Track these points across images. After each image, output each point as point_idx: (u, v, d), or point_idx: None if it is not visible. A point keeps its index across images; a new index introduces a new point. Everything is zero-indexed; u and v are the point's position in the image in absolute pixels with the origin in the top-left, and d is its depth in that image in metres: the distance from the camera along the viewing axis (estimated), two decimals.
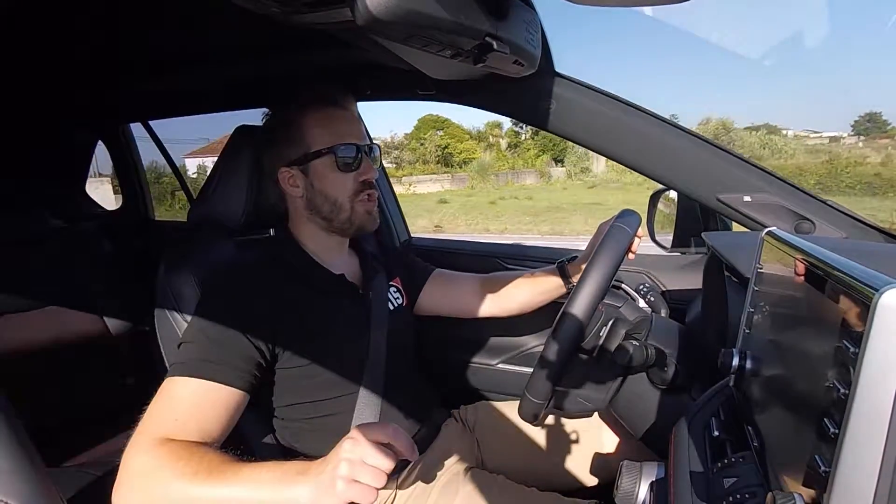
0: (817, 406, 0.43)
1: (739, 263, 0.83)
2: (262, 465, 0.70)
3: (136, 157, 2.33)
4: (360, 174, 1.02)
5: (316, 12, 0.71)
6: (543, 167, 28.03)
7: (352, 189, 1.02)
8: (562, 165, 28.80)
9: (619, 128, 1.09)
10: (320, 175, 1.01)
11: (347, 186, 1.01)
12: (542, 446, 1.16)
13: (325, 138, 1.00)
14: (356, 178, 1.02)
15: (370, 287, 1.10)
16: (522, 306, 1.22)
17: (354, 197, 1.02)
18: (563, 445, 1.15)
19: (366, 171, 1.02)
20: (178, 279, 1.02)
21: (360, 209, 1.03)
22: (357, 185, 1.02)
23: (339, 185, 1.01)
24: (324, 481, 0.65)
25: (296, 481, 0.67)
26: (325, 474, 0.65)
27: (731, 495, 0.55)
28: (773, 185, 1.05)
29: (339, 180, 1.01)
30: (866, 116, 33.43)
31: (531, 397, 0.84)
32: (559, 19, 7.93)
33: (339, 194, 1.01)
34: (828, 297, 0.45)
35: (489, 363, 1.48)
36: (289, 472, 0.69)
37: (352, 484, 0.64)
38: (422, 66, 1.00)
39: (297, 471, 0.69)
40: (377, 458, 0.65)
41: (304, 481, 0.67)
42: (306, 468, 0.68)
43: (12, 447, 0.56)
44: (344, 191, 1.01)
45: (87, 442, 1.64)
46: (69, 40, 1.21)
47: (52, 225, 1.80)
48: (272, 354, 0.92)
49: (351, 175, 1.01)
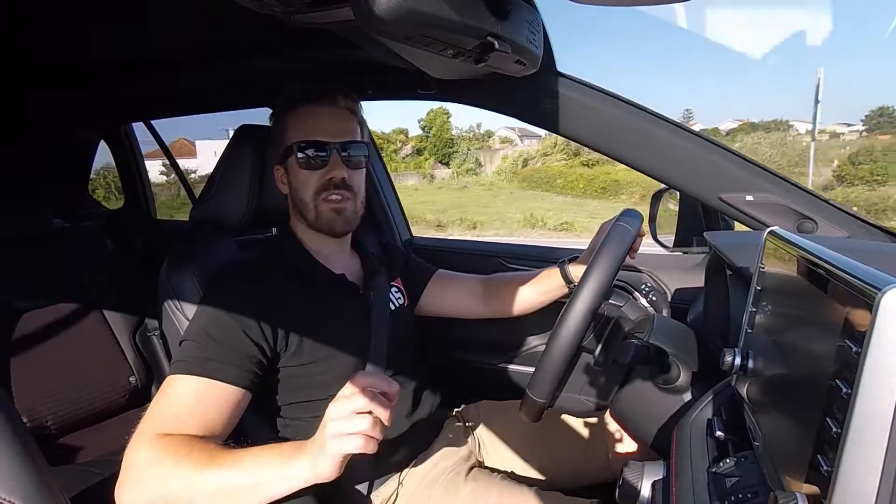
0: (819, 406, 0.43)
1: (741, 263, 0.82)
2: (260, 449, 0.73)
3: (139, 156, 2.33)
4: (325, 172, 1.00)
5: (317, 11, 0.71)
6: (428, 170, 28.79)
7: (315, 187, 1.00)
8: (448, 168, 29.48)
9: (620, 127, 1.09)
10: (291, 173, 1.02)
11: (311, 184, 1.00)
12: (544, 446, 1.16)
13: (293, 135, 1.00)
14: (322, 177, 1.00)
15: (371, 287, 1.10)
16: (524, 308, 1.22)
17: (317, 196, 1.00)
18: (564, 445, 1.15)
19: (332, 169, 1.00)
20: (181, 278, 1.02)
21: (323, 208, 1.01)
22: (322, 183, 1.00)
23: (304, 182, 1.00)
24: (315, 449, 0.68)
25: (293, 457, 0.70)
26: (316, 443, 0.69)
27: (733, 495, 0.55)
28: (776, 185, 1.05)
29: (304, 178, 1.00)
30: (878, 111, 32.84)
31: (533, 397, 0.84)
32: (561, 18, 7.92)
33: (304, 192, 1.01)
34: (830, 296, 0.45)
35: (491, 363, 1.48)
36: (286, 451, 0.72)
37: (340, 438, 0.66)
38: (423, 66, 1.00)
39: (295, 447, 0.72)
40: (357, 401, 0.67)
41: (299, 457, 0.70)
42: (302, 445, 0.71)
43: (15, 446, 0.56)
44: (307, 189, 1.00)
45: (90, 441, 1.64)
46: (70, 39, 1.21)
47: (54, 224, 1.80)
48: (273, 353, 0.92)
49: (316, 173, 1.00)
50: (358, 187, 1.04)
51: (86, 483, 1.33)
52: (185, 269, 1.03)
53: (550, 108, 1.12)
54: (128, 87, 1.63)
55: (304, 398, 0.98)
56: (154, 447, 0.73)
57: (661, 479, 0.75)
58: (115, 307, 1.82)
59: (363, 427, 0.66)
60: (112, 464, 1.52)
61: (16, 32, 1.11)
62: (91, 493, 1.27)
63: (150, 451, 0.73)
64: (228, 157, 1.12)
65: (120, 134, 2.24)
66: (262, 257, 1.03)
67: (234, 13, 0.71)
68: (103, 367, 1.76)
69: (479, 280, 1.27)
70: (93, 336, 1.76)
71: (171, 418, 0.78)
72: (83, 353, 1.72)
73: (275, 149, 1.05)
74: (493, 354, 1.48)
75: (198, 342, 0.86)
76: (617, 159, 1.13)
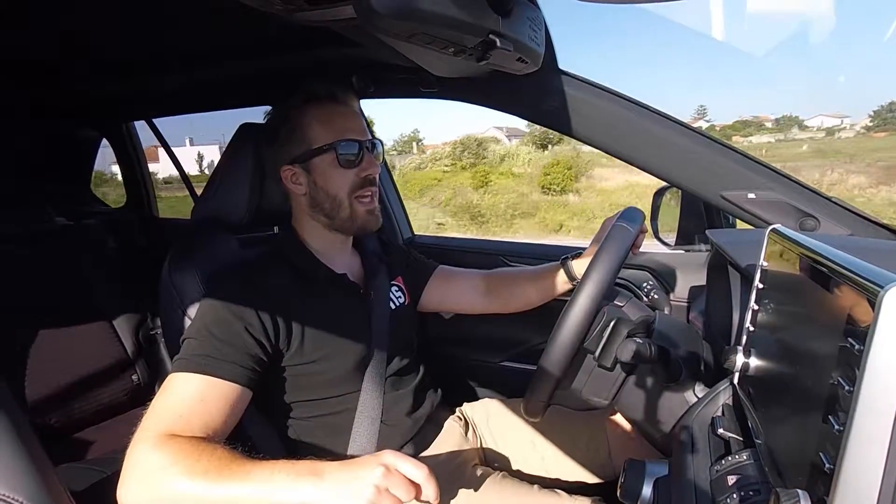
0: (822, 403, 0.43)
1: (743, 261, 0.82)
2: (273, 465, 0.70)
3: (141, 155, 2.34)
4: (361, 170, 1.01)
5: (319, 9, 0.71)
6: None
7: (352, 185, 1.01)
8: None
9: (622, 125, 1.09)
10: (321, 172, 1.01)
11: (348, 183, 1.00)
12: (546, 444, 1.16)
13: (327, 135, 0.99)
14: (357, 175, 1.01)
15: (371, 286, 1.10)
16: (526, 303, 1.22)
17: (353, 193, 1.01)
18: (566, 443, 1.15)
19: (367, 167, 1.01)
20: (183, 276, 1.02)
21: (360, 208, 1.02)
22: (358, 181, 1.01)
23: (340, 181, 1.00)
24: (344, 493, 0.66)
25: (308, 484, 0.67)
26: (346, 486, 0.66)
27: (735, 493, 0.55)
28: (778, 183, 1.05)
29: (340, 177, 1.00)
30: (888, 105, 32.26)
31: (534, 395, 0.84)
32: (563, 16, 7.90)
33: (339, 191, 1.01)
34: (832, 294, 0.45)
35: (492, 360, 1.48)
36: (301, 472, 0.69)
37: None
38: (425, 64, 1.00)
39: (309, 471, 0.69)
40: (402, 491, 0.65)
41: (317, 485, 0.67)
42: (318, 470, 0.69)
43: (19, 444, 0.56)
44: (344, 188, 1.01)
45: (93, 438, 1.64)
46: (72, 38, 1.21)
47: (56, 222, 1.80)
48: (275, 351, 0.92)
49: (352, 171, 1.00)
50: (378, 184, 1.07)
51: (89, 481, 1.33)
52: (187, 267, 1.03)
53: (552, 106, 1.12)
54: (129, 86, 1.63)
55: (305, 397, 0.98)
56: (159, 449, 0.72)
57: (663, 477, 0.75)
58: (117, 305, 1.83)
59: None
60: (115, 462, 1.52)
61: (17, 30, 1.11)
62: (94, 491, 1.28)
63: (154, 452, 0.72)
64: (230, 156, 1.12)
65: (122, 132, 2.24)
66: (264, 256, 1.03)
67: (236, 11, 0.71)
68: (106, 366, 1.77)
69: (481, 275, 1.27)
70: (95, 334, 1.76)
71: (172, 416, 0.78)
72: (86, 351, 1.72)
73: (284, 148, 1.02)
74: (494, 352, 1.48)
75: (199, 340, 0.86)
76: (619, 157, 1.13)
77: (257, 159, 1.11)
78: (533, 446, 1.16)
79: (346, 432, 0.99)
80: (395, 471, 0.67)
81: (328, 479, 0.67)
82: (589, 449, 1.14)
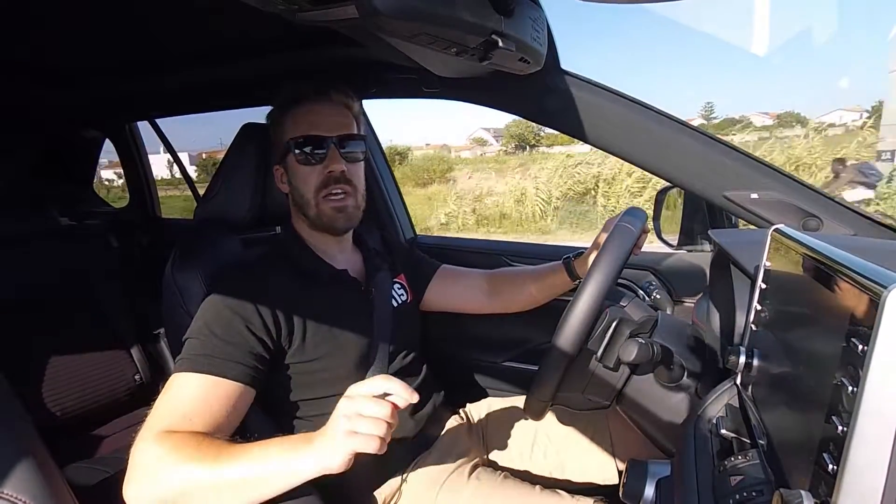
0: (825, 404, 0.42)
1: (746, 261, 0.82)
2: (267, 442, 0.73)
3: (143, 155, 2.34)
4: (324, 167, 0.99)
5: (322, 9, 0.71)
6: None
7: (316, 183, 1.00)
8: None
9: (625, 125, 1.09)
10: (292, 170, 1.02)
11: (311, 181, 1.00)
12: (548, 444, 1.16)
13: (289, 133, 1.00)
14: (321, 172, 1.00)
15: (373, 283, 1.10)
16: (529, 303, 1.22)
17: (318, 192, 1.00)
18: (568, 443, 1.15)
19: (330, 163, 0.99)
20: (185, 276, 1.02)
21: (325, 207, 1.01)
22: (322, 178, 1.00)
23: (304, 179, 1.00)
24: (325, 442, 0.68)
25: (302, 449, 0.70)
26: (326, 435, 0.68)
27: (737, 493, 0.55)
28: (780, 183, 1.04)
29: (304, 174, 1.00)
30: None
31: (536, 395, 0.84)
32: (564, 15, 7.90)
33: (305, 190, 1.01)
34: (835, 294, 0.45)
35: (494, 360, 1.48)
36: (295, 442, 0.72)
37: (352, 436, 0.66)
38: (427, 64, 1.00)
39: (303, 439, 0.72)
40: (373, 407, 0.67)
41: (308, 448, 0.70)
42: (308, 437, 0.71)
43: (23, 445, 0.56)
44: (308, 185, 1.00)
45: (96, 438, 1.65)
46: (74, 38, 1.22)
47: (59, 222, 1.81)
48: (277, 350, 0.92)
49: (315, 168, 1.00)
50: (358, 181, 1.04)
51: (92, 480, 1.34)
52: (190, 267, 1.03)
53: (554, 106, 1.12)
54: (132, 86, 1.63)
55: (308, 395, 0.98)
56: (161, 444, 0.73)
57: (666, 477, 0.75)
58: (120, 305, 1.83)
59: (379, 431, 0.66)
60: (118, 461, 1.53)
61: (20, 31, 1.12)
62: (98, 490, 1.28)
63: (156, 448, 0.73)
64: (233, 156, 1.12)
65: (124, 133, 2.25)
66: (266, 255, 1.04)
67: (238, 12, 0.71)
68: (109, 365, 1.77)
69: (484, 275, 1.27)
70: (98, 334, 1.77)
71: (176, 416, 0.78)
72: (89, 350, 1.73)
73: (273, 149, 1.06)
74: (496, 352, 1.48)
75: (202, 340, 0.86)
76: (621, 157, 1.13)
77: (260, 159, 1.11)
78: (535, 446, 1.16)
79: None
80: (356, 394, 0.69)
81: (316, 440, 0.70)
82: (591, 449, 1.14)
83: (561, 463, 1.15)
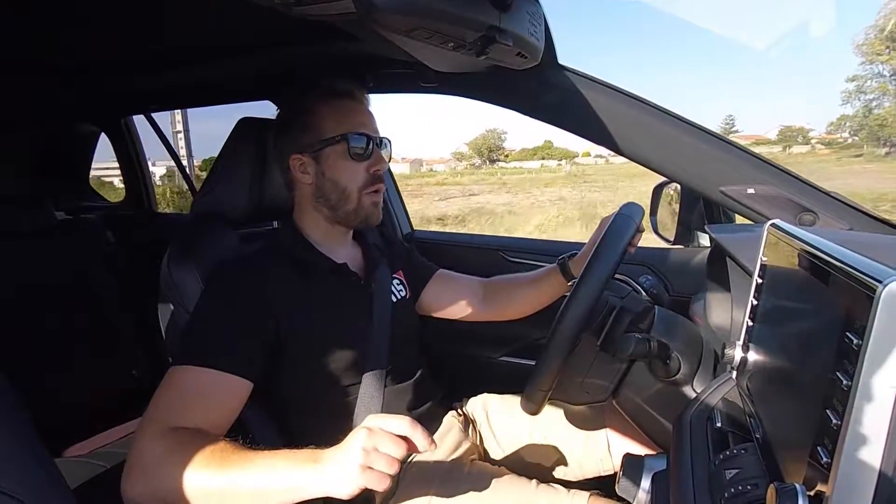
0: (820, 398, 0.43)
1: (743, 256, 0.82)
2: (273, 454, 0.71)
3: (139, 149, 2.33)
4: (370, 165, 1.03)
5: (318, 3, 0.70)
6: None
7: (362, 180, 1.02)
8: None
9: (621, 120, 1.09)
10: (331, 163, 1.01)
11: (358, 176, 1.02)
12: (545, 439, 1.16)
13: (339, 127, 1.01)
14: (367, 169, 1.02)
15: (373, 277, 1.10)
16: (525, 310, 1.23)
17: (363, 188, 1.03)
18: (565, 438, 1.16)
19: (376, 162, 1.03)
20: (182, 271, 1.02)
21: (366, 201, 1.04)
22: (367, 175, 1.03)
23: (350, 174, 1.02)
24: (338, 468, 0.66)
25: (307, 468, 0.68)
26: (340, 462, 0.67)
27: (733, 486, 0.55)
28: (776, 177, 1.05)
29: (350, 169, 1.02)
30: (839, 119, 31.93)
31: (534, 390, 0.84)
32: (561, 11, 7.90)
33: (348, 183, 1.02)
34: (831, 288, 0.45)
35: (492, 355, 1.49)
36: (301, 458, 0.70)
37: (366, 471, 0.65)
38: (424, 59, 1.00)
39: (309, 458, 0.70)
40: (391, 447, 0.66)
41: (316, 468, 0.68)
42: (317, 455, 0.70)
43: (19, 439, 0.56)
44: (354, 180, 1.02)
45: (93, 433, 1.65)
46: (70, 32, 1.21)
47: (56, 217, 1.80)
48: (275, 344, 0.92)
49: (362, 165, 1.02)
50: None
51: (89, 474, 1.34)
52: (187, 262, 1.03)
53: (551, 101, 1.12)
54: (128, 81, 1.63)
55: (306, 389, 0.98)
56: (162, 442, 0.73)
57: (662, 471, 0.76)
58: (116, 300, 1.83)
59: (392, 470, 0.66)
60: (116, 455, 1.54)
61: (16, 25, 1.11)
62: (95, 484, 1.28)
63: (157, 445, 0.73)
64: (229, 150, 1.11)
65: (120, 127, 2.24)
66: (263, 250, 1.04)
67: (234, 5, 0.71)
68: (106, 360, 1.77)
69: (480, 282, 1.28)
70: (95, 329, 1.77)
71: (173, 409, 0.78)
72: (85, 345, 1.73)
73: (295, 137, 1.03)
74: (494, 347, 1.48)
75: (199, 333, 0.86)
76: (618, 152, 1.13)
77: (257, 153, 1.11)
78: (532, 441, 1.17)
79: (346, 425, 0.99)
80: (378, 429, 0.67)
81: (325, 460, 0.68)
82: (588, 444, 1.14)
83: (557, 458, 1.15)
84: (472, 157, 30.64)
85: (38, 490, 0.54)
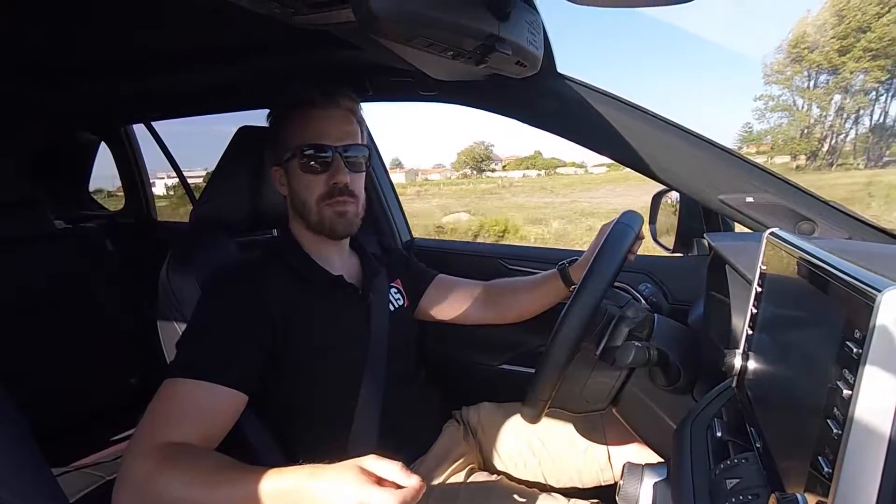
0: (820, 407, 0.43)
1: (742, 264, 0.82)
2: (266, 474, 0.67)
3: (139, 158, 2.34)
4: (329, 177, 0.99)
5: (318, 13, 0.71)
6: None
7: (320, 192, 0.99)
8: None
9: (621, 129, 1.09)
10: (292, 175, 1.02)
11: (315, 189, 0.99)
12: (544, 447, 1.16)
13: (296, 139, 0.99)
14: (327, 181, 0.99)
15: (370, 287, 1.10)
16: (525, 313, 1.23)
17: (322, 200, 1.00)
18: (564, 447, 1.15)
19: (335, 174, 0.99)
20: (181, 279, 1.02)
21: (326, 212, 1.00)
22: (327, 187, 0.99)
23: (307, 186, 1.00)
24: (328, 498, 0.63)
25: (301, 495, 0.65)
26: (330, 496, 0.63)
27: (733, 496, 0.55)
28: (775, 186, 1.05)
29: (307, 181, 1.00)
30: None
31: (533, 399, 0.84)
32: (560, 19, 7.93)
33: (306, 196, 1.00)
34: (830, 298, 0.45)
35: (491, 364, 1.48)
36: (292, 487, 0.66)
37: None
38: (424, 67, 1.01)
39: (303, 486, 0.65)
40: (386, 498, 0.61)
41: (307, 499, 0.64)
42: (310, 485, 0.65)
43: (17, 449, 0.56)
44: (311, 193, 1.00)
45: (91, 443, 1.64)
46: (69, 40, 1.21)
47: (55, 225, 1.80)
48: (272, 355, 0.92)
49: (320, 177, 0.99)
50: (359, 191, 1.04)
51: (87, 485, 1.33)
52: (185, 270, 1.03)
53: (550, 110, 1.12)
54: (128, 89, 1.63)
55: (303, 400, 0.98)
56: (153, 457, 0.72)
57: (662, 480, 0.75)
58: (115, 308, 1.83)
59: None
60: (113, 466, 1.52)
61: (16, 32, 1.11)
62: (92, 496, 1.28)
63: (148, 460, 0.72)
64: (229, 159, 1.12)
65: (120, 135, 2.24)
66: (261, 259, 1.03)
67: (234, 14, 0.71)
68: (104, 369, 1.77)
69: (480, 286, 1.27)
70: (93, 337, 1.76)
71: (167, 422, 0.77)
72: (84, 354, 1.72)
73: (273, 150, 1.05)
74: (493, 355, 1.48)
75: (195, 344, 0.86)
76: (617, 160, 1.13)
77: (257, 162, 1.11)
78: (531, 450, 1.16)
79: (344, 435, 0.98)
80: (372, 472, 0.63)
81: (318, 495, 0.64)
82: (587, 453, 1.14)
83: (557, 466, 1.14)
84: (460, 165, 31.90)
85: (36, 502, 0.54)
